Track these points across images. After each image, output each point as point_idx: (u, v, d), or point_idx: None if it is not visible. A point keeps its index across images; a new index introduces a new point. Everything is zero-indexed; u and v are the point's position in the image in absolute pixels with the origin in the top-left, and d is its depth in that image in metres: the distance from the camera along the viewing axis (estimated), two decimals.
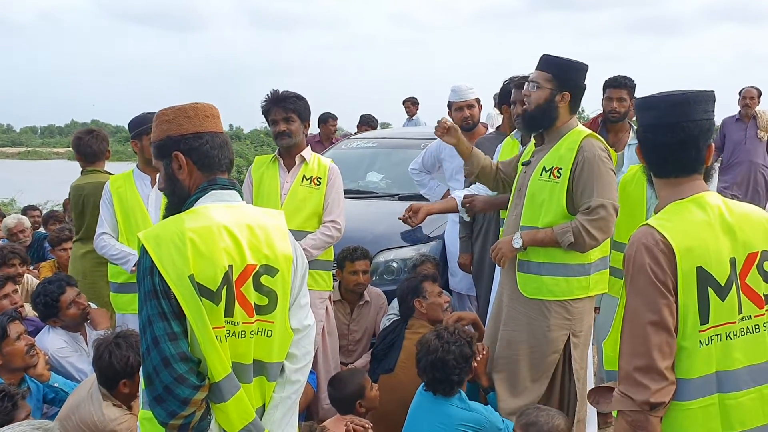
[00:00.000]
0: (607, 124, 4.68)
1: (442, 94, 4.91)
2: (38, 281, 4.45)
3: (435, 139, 5.08)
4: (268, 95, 3.76)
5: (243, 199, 2.07)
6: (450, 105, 4.70)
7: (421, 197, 5.16)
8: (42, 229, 6.76)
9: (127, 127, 3.91)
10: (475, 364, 3.12)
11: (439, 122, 3.44)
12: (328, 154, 6.12)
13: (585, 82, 3.16)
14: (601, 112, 4.83)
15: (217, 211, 1.93)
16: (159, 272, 1.81)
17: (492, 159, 4.08)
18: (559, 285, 3.07)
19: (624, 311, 1.88)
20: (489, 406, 3.09)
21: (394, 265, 4.73)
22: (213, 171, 1.99)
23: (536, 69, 3.14)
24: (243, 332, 1.92)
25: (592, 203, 2.93)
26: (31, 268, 5.32)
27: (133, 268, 3.49)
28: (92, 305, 3.74)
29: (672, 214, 1.90)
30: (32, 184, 18.12)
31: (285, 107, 3.70)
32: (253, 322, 1.94)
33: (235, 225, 1.92)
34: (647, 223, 1.88)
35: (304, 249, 3.23)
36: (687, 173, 1.93)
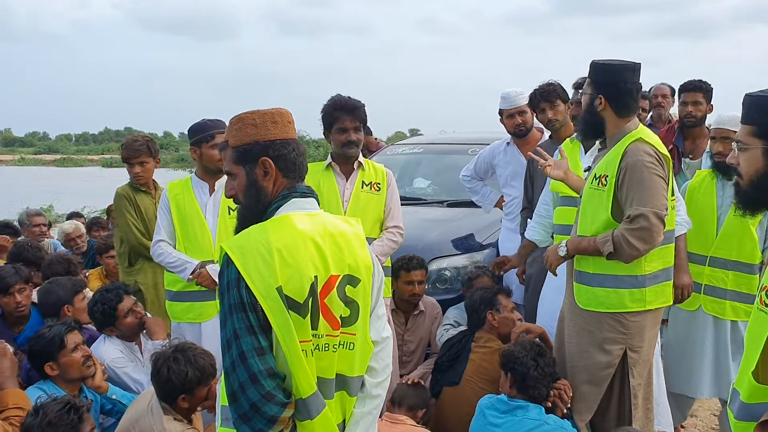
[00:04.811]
0: (683, 130, 4.51)
1: (469, 99, 4.80)
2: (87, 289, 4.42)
3: (486, 144, 4.98)
4: (336, 102, 3.62)
5: (320, 207, 1.99)
6: (501, 113, 4.59)
7: (471, 204, 5.06)
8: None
9: (159, 135, 3.89)
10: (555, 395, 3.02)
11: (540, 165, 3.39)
12: (374, 159, 6.05)
13: (628, 83, 2.96)
14: (678, 118, 4.68)
15: (300, 219, 1.86)
16: (246, 284, 1.74)
17: None
18: (609, 297, 2.96)
19: None
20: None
21: (447, 273, 4.63)
22: (295, 178, 1.93)
23: None
24: (327, 345, 1.84)
25: (632, 212, 2.81)
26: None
27: (191, 277, 3.43)
28: (149, 315, 3.69)
29: None
30: (69, 191, 18.43)
31: (356, 116, 3.61)
32: (337, 335, 1.86)
33: (318, 234, 1.85)
34: None
35: None
36: None
